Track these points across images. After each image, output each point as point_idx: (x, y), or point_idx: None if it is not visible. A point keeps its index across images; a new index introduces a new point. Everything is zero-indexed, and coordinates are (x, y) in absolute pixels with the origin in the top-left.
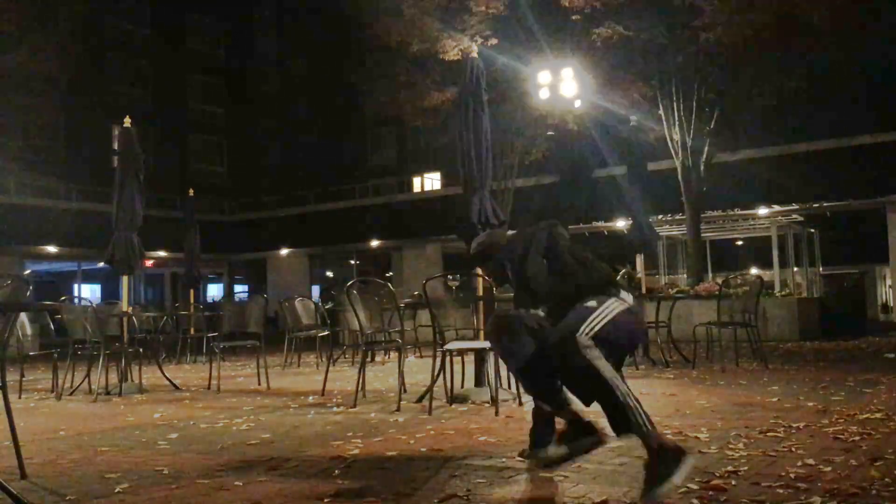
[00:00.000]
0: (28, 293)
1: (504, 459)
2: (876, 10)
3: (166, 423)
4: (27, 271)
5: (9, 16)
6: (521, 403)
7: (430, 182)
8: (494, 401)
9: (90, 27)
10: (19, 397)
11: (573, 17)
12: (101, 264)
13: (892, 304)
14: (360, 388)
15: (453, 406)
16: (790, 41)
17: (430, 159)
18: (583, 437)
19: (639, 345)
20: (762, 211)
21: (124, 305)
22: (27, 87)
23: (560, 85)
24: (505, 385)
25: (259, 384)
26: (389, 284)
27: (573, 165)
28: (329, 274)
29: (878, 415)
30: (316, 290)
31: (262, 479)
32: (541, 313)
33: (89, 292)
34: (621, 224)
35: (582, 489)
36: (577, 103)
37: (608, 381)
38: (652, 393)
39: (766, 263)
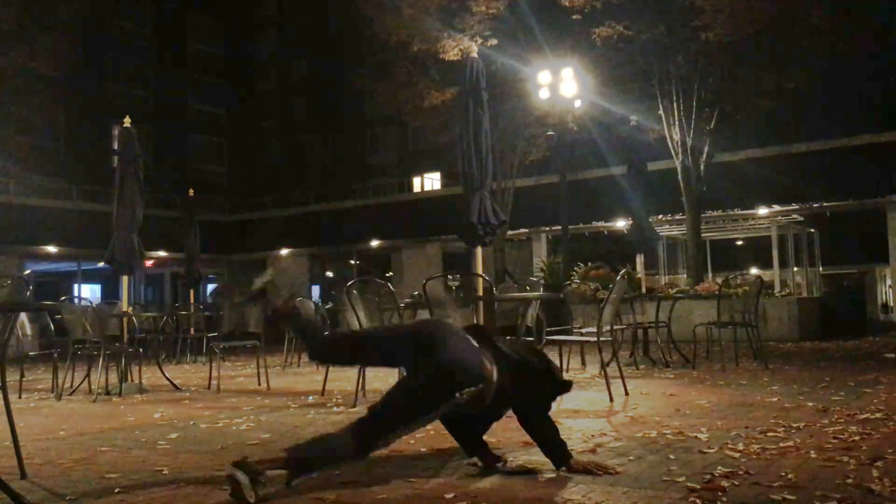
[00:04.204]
0: (28, 293)
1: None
2: (875, 9)
3: (166, 423)
4: (27, 271)
5: (8, 16)
6: None
7: (430, 182)
8: None
9: (90, 27)
10: (19, 397)
11: (573, 17)
12: (101, 264)
13: (892, 304)
14: (360, 388)
15: None
16: (790, 40)
17: (430, 159)
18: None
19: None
20: (762, 211)
21: (124, 305)
22: (27, 87)
23: (560, 85)
24: None
25: (259, 384)
26: (389, 284)
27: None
28: (329, 274)
29: (878, 415)
30: (316, 290)
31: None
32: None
33: (89, 292)
34: (621, 224)
35: (582, 489)
36: (577, 103)
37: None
38: (652, 393)
39: (766, 263)
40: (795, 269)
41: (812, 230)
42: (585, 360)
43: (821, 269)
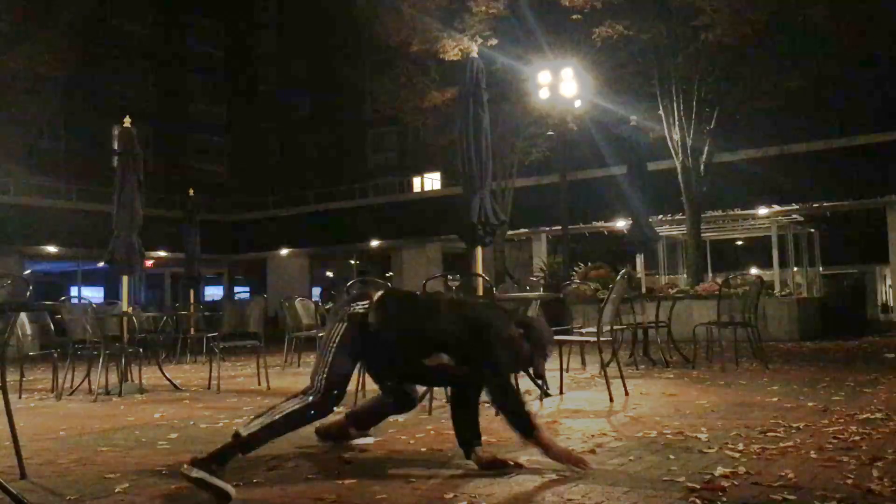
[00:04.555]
0: (28, 293)
1: None
2: (874, 8)
3: (166, 423)
4: (27, 271)
5: (8, 15)
6: None
7: (430, 182)
8: None
9: (90, 27)
10: (19, 397)
11: (573, 17)
12: (101, 264)
13: (892, 304)
14: (359, 388)
15: None
16: (790, 40)
17: (430, 159)
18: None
19: None
20: (762, 211)
21: (124, 305)
22: (27, 87)
23: (560, 85)
24: None
25: (259, 384)
26: (389, 284)
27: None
28: (329, 274)
29: (878, 415)
30: (316, 290)
31: (261, 480)
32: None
33: (91, 293)
34: (621, 224)
35: (582, 489)
36: (577, 103)
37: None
38: (652, 393)
39: (766, 263)
40: (795, 269)
41: (812, 230)
42: (585, 360)
43: (821, 269)
